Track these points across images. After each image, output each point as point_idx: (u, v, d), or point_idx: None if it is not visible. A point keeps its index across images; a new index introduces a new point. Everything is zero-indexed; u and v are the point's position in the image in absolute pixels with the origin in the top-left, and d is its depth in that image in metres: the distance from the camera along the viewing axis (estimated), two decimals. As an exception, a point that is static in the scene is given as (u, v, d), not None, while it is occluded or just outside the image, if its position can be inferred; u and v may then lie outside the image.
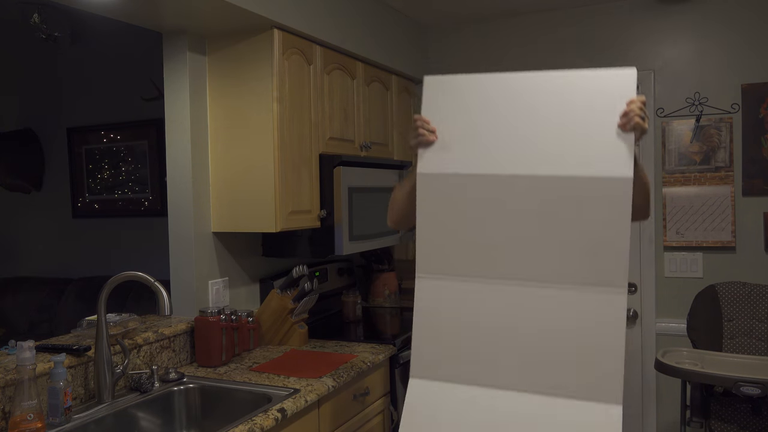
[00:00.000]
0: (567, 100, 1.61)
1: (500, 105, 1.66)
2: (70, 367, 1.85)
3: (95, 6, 2.10)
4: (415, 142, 1.71)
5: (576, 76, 1.62)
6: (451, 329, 1.65)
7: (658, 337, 3.26)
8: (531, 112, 1.63)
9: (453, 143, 1.67)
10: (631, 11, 3.30)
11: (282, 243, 2.74)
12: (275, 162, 2.39)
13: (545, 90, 1.63)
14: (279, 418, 1.78)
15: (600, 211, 1.55)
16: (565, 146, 1.58)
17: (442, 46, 3.72)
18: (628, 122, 1.53)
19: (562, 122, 1.60)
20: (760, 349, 2.77)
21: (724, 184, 3.12)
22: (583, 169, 1.56)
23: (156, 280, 1.86)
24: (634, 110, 1.53)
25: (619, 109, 1.56)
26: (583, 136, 1.57)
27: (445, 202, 1.66)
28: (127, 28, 2.42)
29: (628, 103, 1.55)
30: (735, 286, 2.88)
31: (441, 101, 1.71)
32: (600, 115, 1.57)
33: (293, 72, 2.49)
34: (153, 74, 3.41)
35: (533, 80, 1.65)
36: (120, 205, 4.20)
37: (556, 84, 1.63)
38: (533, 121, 1.62)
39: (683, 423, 2.69)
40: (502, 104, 1.65)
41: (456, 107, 1.69)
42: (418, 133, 1.69)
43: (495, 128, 1.65)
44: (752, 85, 3.07)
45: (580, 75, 1.62)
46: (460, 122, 1.68)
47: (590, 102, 1.59)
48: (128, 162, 4.16)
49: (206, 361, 2.27)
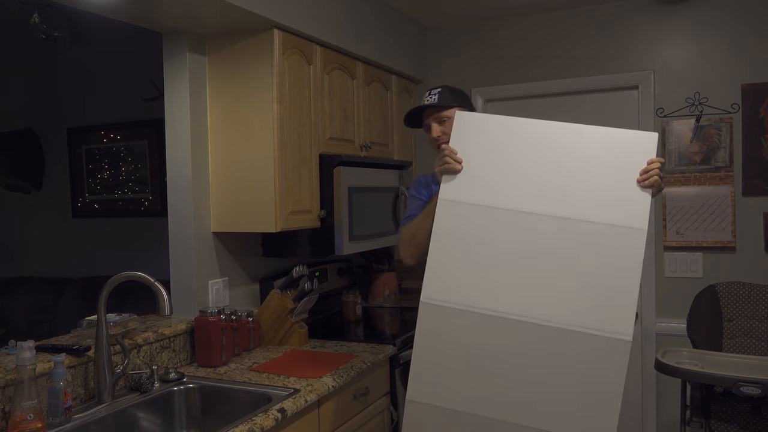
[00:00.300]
0: (591, 152, 1.69)
1: (526, 147, 1.72)
2: (70, 367, 1.85)
3: (95, 6, 2.10)
4: (442, 168, 1.77)
5: (602, 132, 1.71)
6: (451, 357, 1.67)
7: (658, 337, 3.26)
8: (555, 158, 1.70)
9: (477, 176, 1.73)
10: (631, 11, 3.30)
11: (282, 243, 2.74)
12: (275, 162, 2.39)
13: (572, 140, 1.71)
14: (279, 418, 1.78)
15: (613, 258, 1.61)
16: (584, 193, 1.66)
17: (442, 46, 3.72)
18: (648, 179, 1.66)
19: (583, 171, 1.68)
20: (760, 349, 2.77)
21: (724, 184, 3.12)
22: (601, 216, 1.63)
23: (156, 280, 1.86)
24: (655, 169, 1.66)
25: (640, 167, 1.66)
26: (604, 186, 1.66)
27: (461, 230, 1.70)
28: (127, 28, 2.42)
29: (649, 162, 1.68)
30: (735, 286, 2.88)
31: (469, 136, 1.77)
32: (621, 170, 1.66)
33: (293, 72, 2.49)
34: (153, 74, 3.41)
35: (562, 129, 1.72)
36: (120, 205, 4.20)
37: (583, 136, 1.71)
38: (556, 166, 1.69)
39: (683, 423, 2.69)
40: (529, 147, 1.72)
41: (483, 144, 1.75)
42: (445, 161, 1.76)
43: (518, 168, 1.71)
44: (752, 85, 3.07)
45: (606, 131, 1.71)
46: (485, 158, 1.74)
47: (613, 157, 1.68)
48: (128, 162, 4.16)
49: (206, 361, 2.27)
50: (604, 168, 1.68)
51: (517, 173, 1.71)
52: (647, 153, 1.68)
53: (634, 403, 3.34)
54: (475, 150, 1.75)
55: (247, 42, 2.42)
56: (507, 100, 3.59)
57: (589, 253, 1.62)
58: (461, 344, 1.66)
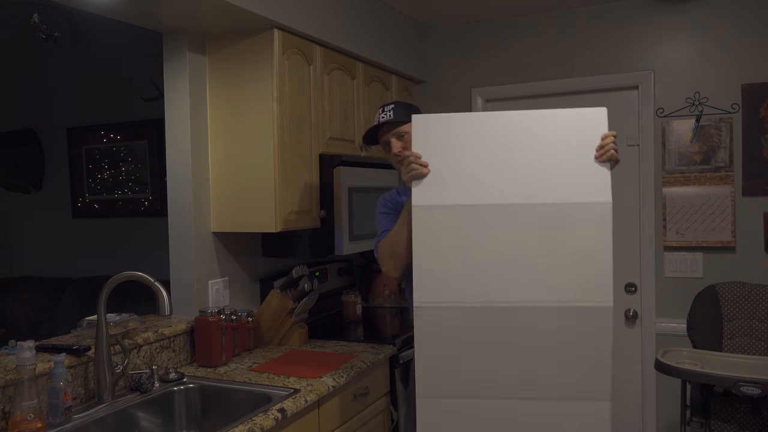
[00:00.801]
0: (547, 136, 1.77)
1: (485, 141, 1.78)
2: (70, 367, 1.85)
3: (95, 6, 2.10)
4: (409, 176, 1.79)
5: (553, 114, 1.79)
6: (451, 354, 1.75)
7: (658, 337, 3.26)
8: (514, 148, 1.77)
9: (444, 177, 1.78)
10: (631, 11, 3.30)
11: (282, 243, 2.74)
12: (275, 162, 2.39)
13: (525, 127, 1.78)
14: (279, 418, 1.79)
15: (585, 233, 1.70)
16: (548, 177, 1.74)
17: (442, 46, 3.72)
18: (605, 154, 1.72)
19: (543, 156, 1.75)
20: (760, 349, 2.77)
21: (724, 184, 3.12)
22: (568, 196, 1.72)
23: (156, 280, 1.86)
24: (609, 143, 1.72)
25: (594, 143, 1.73)
26: (564, 167, 1.74)
27: (440, 232, 1.75)
28: (127, 28, 2.42)
29: (603, 137, 1.73)
30: (735, 286, 2.88)
31: (430, 138, 1.81)
32: (577, 148, 1.74)
33: (293, 72, 2.49)
34: (153, 74, 3.41)
35: (514, 118, 1.80)
36: (120, 205, 4.20)
37: (536, 122, 1.79)
38: (517, 155, 1.76)
39: (683, 423, 2.69)
40: (487, 140, 1.78)
41: (444, 143, 1.80)
42: (412, 167, 1.78)
43: (482, 162, 1.77)
44: (752, 85, 3.07)
45: (557, 113, 1.79)
46: (449, 157, 1.79)
47: (568, 137, 1.76)
48: (128, 162, 4.16)
49: (206, 361, 2.27)
50: (562, 149, 1.75)
51: (482, 168, 1.76)
52: (599, 128, 1.75)
53: (634, 403, 3.34)
54: (438, 151, 1.79)
55: (247, 42, 2.42)
56: (507, 101, 3.59)
57: (562, 233, 1.70)
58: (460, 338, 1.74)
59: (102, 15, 2.19)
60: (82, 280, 4.07)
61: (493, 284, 1.72)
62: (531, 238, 1.71)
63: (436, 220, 1.75)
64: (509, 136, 1.77)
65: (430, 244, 1.74)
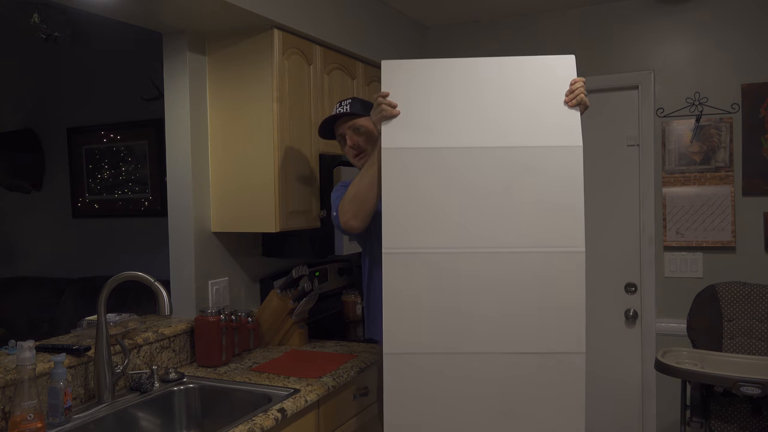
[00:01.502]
0: (517, 82, 1.78)
1: (455, 86, 1.78)
2: (70, 367, 1.85)
3: (95, 6, 2.10)
4: (379, 116, 1.77)
5: (523, 61, 1.81)
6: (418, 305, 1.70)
7: (658, 337, 3.26)
8: (484, 93, 1.77)
9: (414, 120, 1.76)
10: (631, 11, 3.30)
11: (282, 243, 2.74)
12: (275, 162, 2.39)
13: (495, 73, 1.79)
14: (279, 418, 1.78)
15: (556, 177, 1.69)
16: (519, 121, 1.73)
17: (442, 46, 3.72)
18: (574, 98, 1.74)
19: (513, 100, 1.76)
20: (760, 349, 2.77)
21: (724, 184, 3.12)
22: (539, 140, 1.71)
23: (156, 280, 1.86)
24: (579, 88, 1.75)
25: (564, 89, 1.74)
26: (535, 112, 1.74)
27: (409, 176, 1.72)
28: (127, 28, 2.42)
29: (572, 82, 1.77)
30: (735, 286, 2.88)
31: (400, 82, 1.80)
32: (547, 94, 1.76)
33: (293, 72, 2.49)
34: (153, 74, 3.41)
35: (484, 64, 1.81)
36: (120, 205, 4.20)
37: (506, 68, 1.80)
38: (487, 100, 1.76)
39: (683, 423, 2.69)
40: (458, 85, 1.78)
41: (415, 88, 1.79)
42: (382, 108, 1.77)
43: (452, 106, 1.76)
44: (752, 85, 3.07)
45: (526, 60, 1.81)
46: (419, 101, 1.78)
47: (538, 82, 1.77)
48: (128, 162, 4.16)
49: (206, 361, 2.27)
50: (532, 94, 1.76)
51: (452, 112, 1.75)
52: (568, 74, 1.77)
53: (634, 403, 3.34)
54: (408, 95, 1.78)
55: (247, 42, 2.42)
56: (507, 100, 3.59)
57: (534, 176, 1.70)
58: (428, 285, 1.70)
59: (102, 15, 2.19)
60: (82, 280, 4.07)
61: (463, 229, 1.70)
62: (501, 183, 1.70)
63: (405, 162, 1.73)
64: (479, 82, 1.78)
65: (400, 187, 1.72)
